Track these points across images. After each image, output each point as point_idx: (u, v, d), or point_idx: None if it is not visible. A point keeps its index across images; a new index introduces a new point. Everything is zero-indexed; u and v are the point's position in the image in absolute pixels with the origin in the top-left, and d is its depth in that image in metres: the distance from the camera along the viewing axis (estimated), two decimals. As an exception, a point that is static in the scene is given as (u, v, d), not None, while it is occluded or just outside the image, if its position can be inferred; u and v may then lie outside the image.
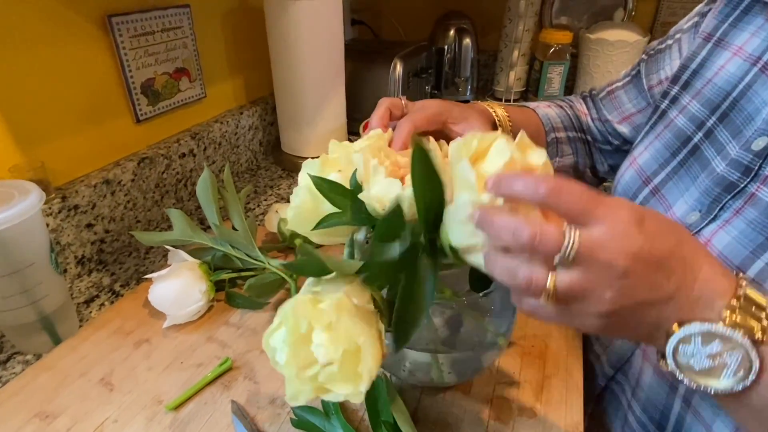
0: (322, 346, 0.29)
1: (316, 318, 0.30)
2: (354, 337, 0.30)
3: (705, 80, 0.44)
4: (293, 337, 0.30)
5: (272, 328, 0.31)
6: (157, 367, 0.46)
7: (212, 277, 0.53)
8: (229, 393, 0.43)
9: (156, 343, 0.49)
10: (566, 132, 0.62)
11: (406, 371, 0.42)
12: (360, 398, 0.30)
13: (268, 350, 0.32)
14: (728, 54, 0.43)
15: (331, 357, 0.29)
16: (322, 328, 0.30)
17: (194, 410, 0.42)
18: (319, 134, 0.86)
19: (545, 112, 0.62)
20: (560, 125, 0.62)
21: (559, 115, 0.63)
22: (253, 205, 0.79)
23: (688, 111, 0.45)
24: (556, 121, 0.62)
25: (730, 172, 0.38)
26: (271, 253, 0.60)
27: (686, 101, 0.45)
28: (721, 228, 0.37)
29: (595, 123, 0.63)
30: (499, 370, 0.46)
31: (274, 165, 0.94)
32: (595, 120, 0.63)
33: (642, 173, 0.47)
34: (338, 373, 0.30)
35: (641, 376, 0.43)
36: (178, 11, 0.70)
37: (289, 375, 0.31)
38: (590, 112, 0.64)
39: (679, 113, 0.46)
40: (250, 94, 0.94)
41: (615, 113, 0.60)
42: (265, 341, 0.31)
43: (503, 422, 0.41)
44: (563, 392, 0.44)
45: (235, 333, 0.50)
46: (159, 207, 0.71)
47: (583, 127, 0.64)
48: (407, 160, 0.33)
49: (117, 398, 0.43)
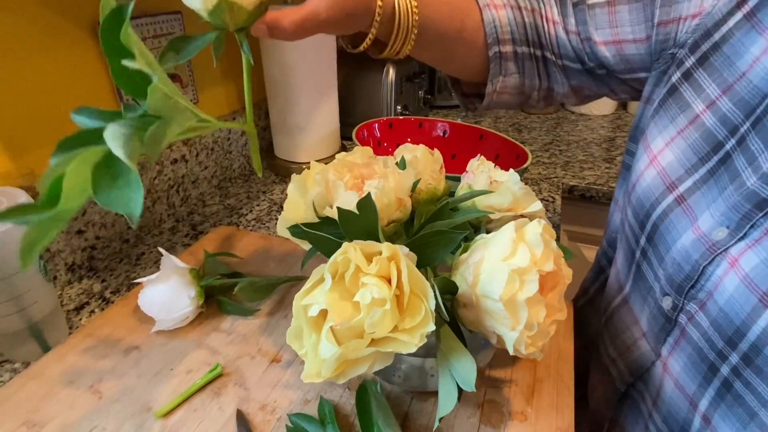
0: (374, 285, 0.30)
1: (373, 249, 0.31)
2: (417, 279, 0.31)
3: (737, 73, 0.38)
4: (336, 288, 0.31)
5: (307, 287, 0.32)
6: (146, 374, 0.46)
7: (202, 282, 0.53)
8: (219, 399, 0.43)
9: (146, 350, 0.48)
10: (514, 46, 0.50)
11: (400, 377, 0.42)
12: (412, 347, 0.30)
13: (298, 311, 0.32)
14: (763, 42, 0.37)
15: (384, 293, 0.30)
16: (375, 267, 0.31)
17: (184, 417, 0.42)
18: (311, 139, 0.87)
19: (494, 14, 0.49)
20: (508, 37, 0.50)
21: (512, 22, 0.50)
22: (246, 210, 0.79)
23: (718, 109, 0.39)
24: (504, 30, 0.49)
25: (762, 188, 0.34)
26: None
27: (712, 91, 0.39)
28: (750, 248, 0.34)
29: (570, 36, 0.49)
30: (489, 374, 0.46)
31: (266, 170, 0.94)
32: (571, 33, 0.49)
33: (666, 177, 0.42)
34: (389, 312, 0.30)
35: (661, 388, 0.43)
36: (170, 18, 0.70)
37: (313, 346, 0.31)
38: (564, 21, 0.49)
39: (706, 108, 0.40)
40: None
41: (603, 32, 0.47)
42: (296, 302, 0.32)
43: (494, 426, 0.41)
44: (554, 396, 0.44)
45: (225, 339, 0.50)
46: (150, 213, 0.71)
47: (544, 41, 0.51)
48: (370, 170, 0.38)
49: (105, 406, 0.42)
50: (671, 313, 0.41)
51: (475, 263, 0.33)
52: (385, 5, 0.42)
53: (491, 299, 0.32)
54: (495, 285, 0.31)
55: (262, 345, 0.49)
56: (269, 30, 0.37)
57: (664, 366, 0.42)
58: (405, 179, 0.38)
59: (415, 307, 0.31)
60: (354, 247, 0.31)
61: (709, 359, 0.37)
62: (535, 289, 0.31)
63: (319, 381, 0.31)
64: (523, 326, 0.32)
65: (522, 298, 0.31)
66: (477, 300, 0.33)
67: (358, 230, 0.33)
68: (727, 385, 0.36)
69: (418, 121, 0.89)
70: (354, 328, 0.30)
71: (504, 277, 0.31)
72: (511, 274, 0.31)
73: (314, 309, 0.31)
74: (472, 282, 0.33)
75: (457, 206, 0.43)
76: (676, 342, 0.41)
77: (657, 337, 0.43)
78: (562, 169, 0.96)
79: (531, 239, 0.33)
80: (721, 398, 0.37)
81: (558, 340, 0.50)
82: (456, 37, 0.48)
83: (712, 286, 0.37)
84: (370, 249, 0.32)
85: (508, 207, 0.42)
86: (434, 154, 0.46)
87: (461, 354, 0.33)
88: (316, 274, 0.32)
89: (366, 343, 0.30)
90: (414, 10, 0.43)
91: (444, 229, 0.35)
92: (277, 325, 0.52)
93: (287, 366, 0.47)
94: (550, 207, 0.82)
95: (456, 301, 0.36)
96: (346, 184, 0.36)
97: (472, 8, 0.49)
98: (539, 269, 0.32)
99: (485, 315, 0.33)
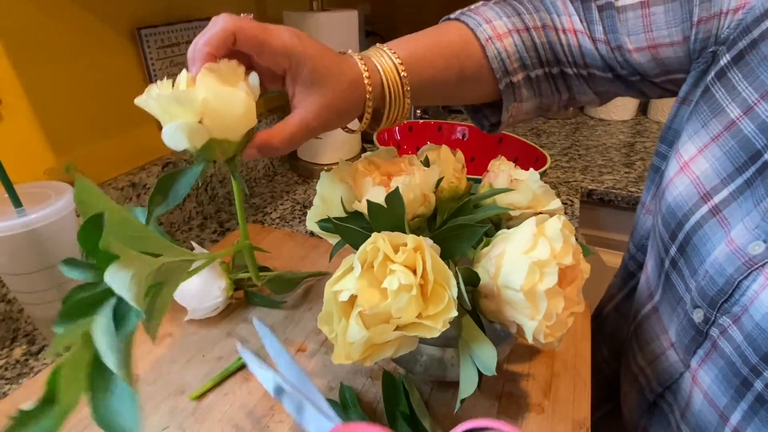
0: (402, 272, 0.32)
1: (399, 240, 0.33)
2: (440, 269, 0.33)
3: None
4: (365, 275, 0.33)
5: (337, 275, 0.34)
6: (180, 360, 0.48)
7: (232, 275, 0.55)
8: (248, 384, 0.45)
9: (178, 337, 0.51)
10: (526, 72, 0.47)
11: (421, 367, 0.44)
12: (436, 332, 0.32)
13: (328, 296, 0.34)
14: None
15: (410, 280, 0.32)
16: (403, 255, 0.33)
17: (215, 400, 0.44)
18: (334, 142, 0.89)
19: (498, 47, 0.45)
20: (517, 65, 0.46)
21: (520, 48, 0.46)
22: (270, 209, 0.81)
23: (757, 116, 0.36)
24: (512, 59, 0.46)
25: None
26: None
27: (749, 95, 0.36)
28: None
29: (598, 45, 0.45)
30: (508, 368, 0.48)
31: (290, 171, 0.97)
32: (599, 42, 0.45)
33: (700, 186, 0.39)
34: (414, 298, 0.32)
35: (690, 400, 0.42)
36: (203, 24, 0.74)
37: (341, 328, 0.33)
38: (590, 29, 0.45)
39: (743, 114, 0.37)
40: (268, 103, 0.97)
41: (636, 38, 0.43)
42: (327, 288, 0.34)
43: (512, 417, 0.43)
44: (571, 389, 0.45)
45: (253, 329, 0.52)
46: (181, 210, 0.74)
47: (561, 56, 0.47)
48: (396, 168, 0.41)
49: (142, 388, 0.45)
50: (702, 326, 0.40)
51: (496, 256, 0.35)
52: (374, 86, 0.38)
53: (512, 290, 0.33)
54: (516, 276, 0.33)
55: (288, 335, 0.51)
56: (259, 151, 0.35)
57: (694, 378, 0.41)
58: (430, 176, 0.40)
59: (438, 295, 0.33)
60: (382, 237, 0.33)
61: (742, 374, 0.36)
62: (554, 281, 0.33)
63: (348, 363, 0.33)
64: (542, 316, 0.33)
65: (542, 289, 0.33)
66: (498, 291, 0.35)
67: (386, 223, 0.35)
68: (761, 400, 0.35)
69: (438, 124, 0.91)
70: (381, 314, 0.32)
71: (525, 268, 0.33)
72: (531, 266, 0.33)
73: (344, 295, 0.33)
74: (494, 274, 0.35)
75: (479, 203, 0.44)
76: (706, 354, 0.40)
77: (687, 348, 0.42)
78: (581, 173, 0.97)
79: (551, 234, 0.34)
80: (755, 413, 0.36)
81: (575, 339, 0.51)
82: (456, 82, 0.45)
83: (747, 300, 0.36)
84: (397, 240, 0.34)
85: (527, 204, 0.43)
86: (456, 153, 0.47)
87: (482, 341, 0.34)
88: (346, 263, 0.34)
89: (392, 327, 0.32)
90: (405, 81, 0.39)
91: (467, 223, 0.36)
92: (301, 317, 0.54)
93: (312, 356, 0.49)
94: (568, 210, 0.83)
95: (477, 292, 0.37)
96: (374, 180, 0.38)
97: (471, 48, 0.45)
98: (558, 262, 0.33)
99: (506, 305, 0.35)
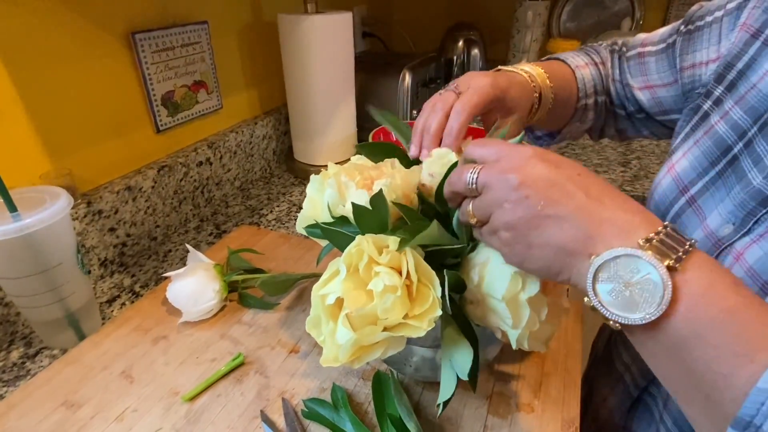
0: (386, 273, 0.33)
1: (383, 243, 0.34)
2: (424, 269, 0.34)
3: (750, 84, 0.41)
4: (351, 278, 0.33)
5: (324, 278, 0.34)
6: (173, 362, 0.49)
7: (226, 277, 0.56)
8: (241, 386, 0.46)
9: (173, 339, 0.52)
10: (596, 96, 0.59)
11: (412, 367, 0.44)
12: (422, 332, 0.32)
13: (316, 300, 0.34)
14: None
15: (395, 281, 0.32)
16: (387, 256, 0.33)
17: (208, 402, 0.44)
18: (330, 143, 0.89)
19: (582, 74, 0.59)
20: (592, 90, 0.59)
21: (594, 77, 0.59)
22: (266, 210, 0.82)
23: (730, 118, 0.42)
24: (589, 85, 0.59)
25: (767, 186, 0.36)
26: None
27: (729, 106, 0.43)
28: (755, 242, 0.36)
29: (615, 84, 0.59)
30: (498, 368, 0.48)
31: (286, 173, 0.97)
32: (615, 81, 0.59)
33: (679, 182, 0.45)
34: (400, 299, 0.32)
35: None
36: (197, 27, 0.74)
37: (328, 332, 0.34)
38: (612, 72, 0.59)
39: (720, 119, 0.43)
40: (264, 105, 0.97)
41: (639, 79, 0.56)
42: (314, 292, 0.34)
43: (502, 417, 0.43)
44: (561, 389, 0.46)
45: (247, 331, 0.53)
46: (177, 213, 0.75)
47: (606, 88, 0.61)
48: (379, 171, 0.41)
49: (136, 390, 0.46)
50: None
51: (480, 264, 0.35)
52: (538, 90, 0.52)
53: (495, 299, 0.34)
54: (498, 285, 0.33)
55: (281, 337, 0.52)
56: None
57: None
58: (411, 176, 0.40)
59: (423, 294, 0.33)
60: (366, 239, 0.33)
61: None
62: (536, 289, 0.33)
63: (336, 365, 0.33)
64: (525, 324, 0.33)
65: (524, 298, 0.33)
66: (482, 298, 0.35)
67: (371, 224, 0.36)
68: None
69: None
70: (368, 315, 0.32)
71: (507, 278, 0.33)
72: (514, 275, 0.33)
73: (331, 298, 0.33)
74: (478, 282, 0.35)
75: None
76: None
77: None
78: (577, 173, 0.97)
79: None
80: None
81: (567, 338, 0.52)
82: (567, 98, 0.57)
83: None
84: (381, 242, 0.34)
85: None
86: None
87: (461, 345, 0.35)
88: (332, 267, 0.34)
89: (379, 329, 0.32)
90: (550, 85, 0.53)
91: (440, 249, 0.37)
92: (295, 319, 0.54)
93: (305, 357, 0.49)
94: (563, 210, 0.83)
95: (464, 298, 0.38)
96: (357, 184, 0.39)
97: (568, 73, 0.58)
98: None
99: (490, 312, 0.35)
